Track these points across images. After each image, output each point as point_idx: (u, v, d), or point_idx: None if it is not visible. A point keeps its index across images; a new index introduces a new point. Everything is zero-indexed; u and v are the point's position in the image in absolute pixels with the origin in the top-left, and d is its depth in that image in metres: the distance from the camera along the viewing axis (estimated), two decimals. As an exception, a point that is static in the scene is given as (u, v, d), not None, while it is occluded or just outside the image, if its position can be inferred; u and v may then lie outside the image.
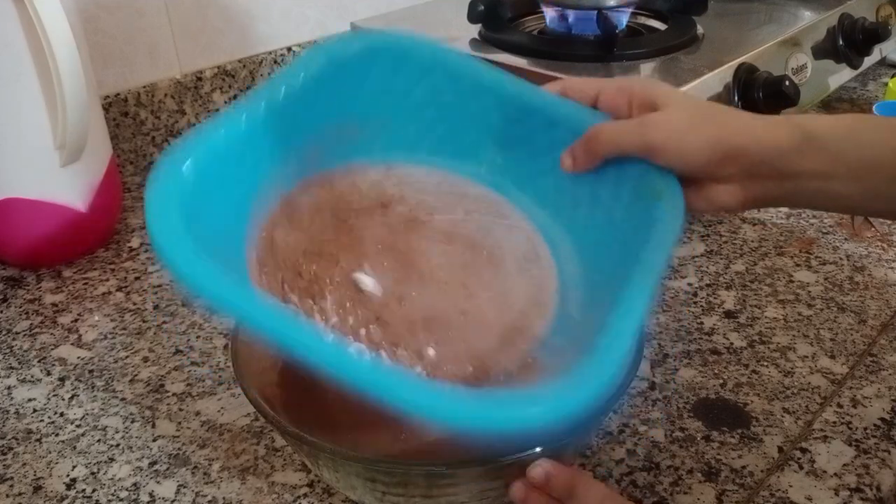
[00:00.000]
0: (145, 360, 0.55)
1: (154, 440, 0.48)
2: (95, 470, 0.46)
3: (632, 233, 0.41)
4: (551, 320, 0.43)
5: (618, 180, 0.44)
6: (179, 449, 0.48)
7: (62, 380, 0.54)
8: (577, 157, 0.45)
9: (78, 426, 0.50)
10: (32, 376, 0.54)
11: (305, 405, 0.44)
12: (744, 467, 0.45)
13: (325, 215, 0.46)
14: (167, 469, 0.46)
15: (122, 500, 0.44)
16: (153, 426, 0.50)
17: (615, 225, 0.44)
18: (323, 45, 0.45)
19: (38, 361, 0.56)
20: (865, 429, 0.47)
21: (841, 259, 0.64)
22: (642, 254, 0.39)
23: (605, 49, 0.74)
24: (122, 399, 0.52)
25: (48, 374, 0.55)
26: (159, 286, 0.63)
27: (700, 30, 0.79)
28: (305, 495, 0.44)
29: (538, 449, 0.36)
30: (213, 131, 0.39)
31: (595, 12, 0.76)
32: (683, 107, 0.43)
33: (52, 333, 0.59)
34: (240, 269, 0.40)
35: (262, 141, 0.42)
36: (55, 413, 0.51)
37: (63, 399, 0.52)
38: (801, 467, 0.45)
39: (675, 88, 0.46)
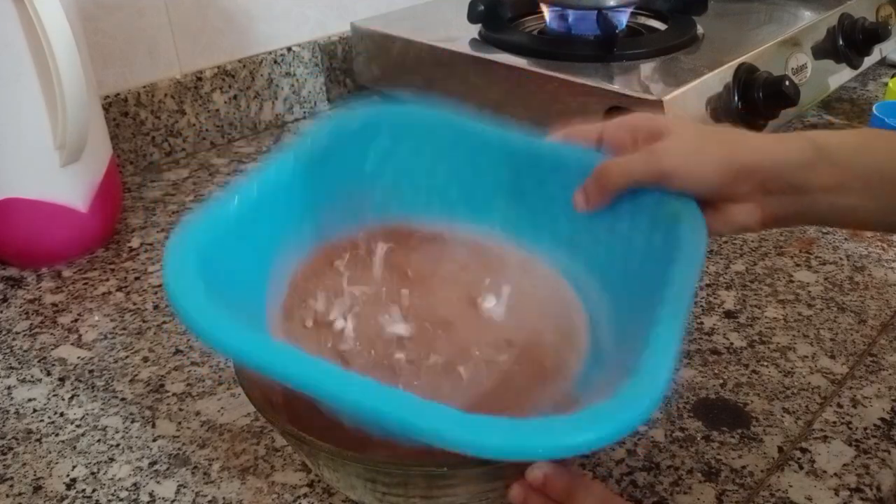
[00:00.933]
0: (145, 360, 0.55)
1: (154, 440, 0.48)
2: (95, 470, 0.46)
3: (655, 259, 0.41)
4: (585, 356, 0.43)
5: (633, 212, 0.44)
6: (179, 449, 0.48)
7: (62, 380, 0.54)
8: (589, 195, 0.45)
9: (78, 426, 0.50)
10: (32, 376, 0.54)
11: (306, 404, 0.44)
12: (744, 467, 0.45)
13: (340, 272, 0.47)
14: (167, 469, 0.46)
15: (122, 500, 0.44)
16: (153, 426, 0.50)
17: (637, 255, 0.44)
18: (328, 118, 0.48)
19: (38, 361, 0.56)
20: (865, 429, 0.47)
21: (841, 259, 0.64)
22: (671, 274, 0.38)
23: (605, 49, 0.74)
24: (122, 399, 0.52)
25: (48, 374, 0.55)
26: (159, 286, 0.63)
27: (700, 30, 0.79)
28: (305, 495, 0.44)
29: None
30: (227, 199, 0.41)
31: (595, 12, 0.76)
32: (690, 131, 0.43)
33: (52, 333, 0.59)
34: (258, 321, 0.42)
35: (274, 208, 0.44)
36: (55, 413, 0.51)
37: (63, 399, 0.52)
38: (801, 467, 0.45)
39: (677, 117, 0.46)
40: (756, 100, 0.70)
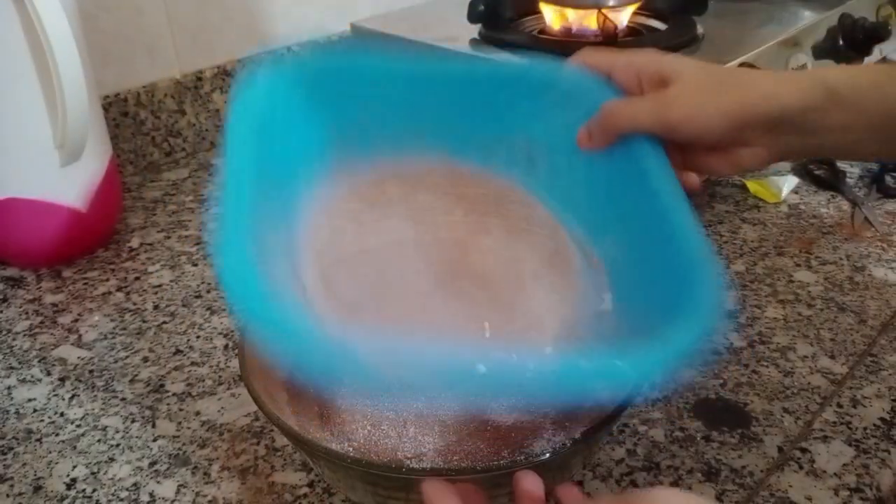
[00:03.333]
0: (145, 360, 0.55)
1: (154, 440, 0.48)
2: (95, 470, 0.46)
3: (624, 185, 0.43)
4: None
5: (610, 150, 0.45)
6: (179, 449, 0.48)
7: (62, 380, 0.54)
8: (593, 135, 0.45)
9: (78, 426, 0.50)
10: (32, 376, 0.54)
11: (310, 404, 0.44)
12: (744, 467, 0.45)
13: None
14: (167, 469, 0.46)
15: (122, 500, 0.44)
16: (153, 426, 0.50)
17: (612, 196, 0.45)
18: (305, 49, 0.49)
19: (38, 361, 0.56)
20: (865, 429, 0.47)
21: (841, 259, 0.64)
22: (654, 186, 0.39)
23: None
24: (122, 399, 0.52)
25: (48, 374, 0.55)
26: (159, 286, 0.64)
27: (700, 30, 0.79)
28: (305, 495, 0.44)
29: (546, 455, 0.36)
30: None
31: (595, 12, 0.76)
32: (696, 77, 0.43)
33: (52, 333, 0.59)
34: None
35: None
36: (55, 413, 0.51)
37: (63, 399, 0.52)
38: (801, 467, 0.45)
39: (681, 57, 0.45)
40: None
